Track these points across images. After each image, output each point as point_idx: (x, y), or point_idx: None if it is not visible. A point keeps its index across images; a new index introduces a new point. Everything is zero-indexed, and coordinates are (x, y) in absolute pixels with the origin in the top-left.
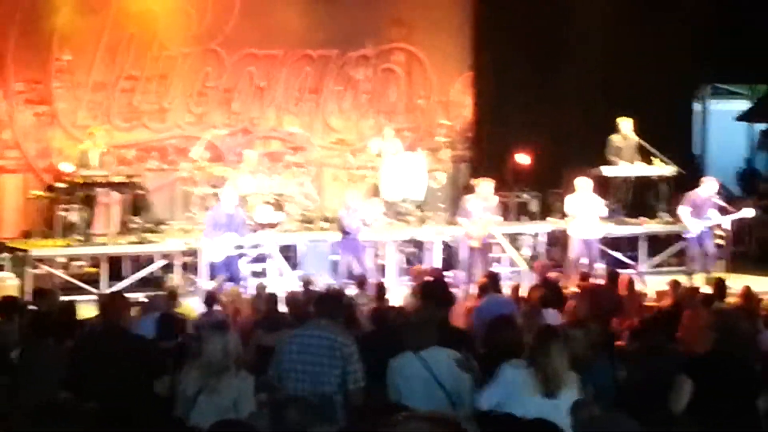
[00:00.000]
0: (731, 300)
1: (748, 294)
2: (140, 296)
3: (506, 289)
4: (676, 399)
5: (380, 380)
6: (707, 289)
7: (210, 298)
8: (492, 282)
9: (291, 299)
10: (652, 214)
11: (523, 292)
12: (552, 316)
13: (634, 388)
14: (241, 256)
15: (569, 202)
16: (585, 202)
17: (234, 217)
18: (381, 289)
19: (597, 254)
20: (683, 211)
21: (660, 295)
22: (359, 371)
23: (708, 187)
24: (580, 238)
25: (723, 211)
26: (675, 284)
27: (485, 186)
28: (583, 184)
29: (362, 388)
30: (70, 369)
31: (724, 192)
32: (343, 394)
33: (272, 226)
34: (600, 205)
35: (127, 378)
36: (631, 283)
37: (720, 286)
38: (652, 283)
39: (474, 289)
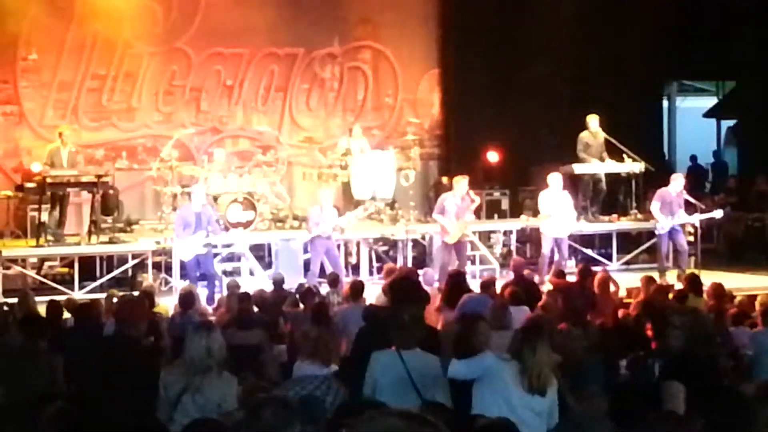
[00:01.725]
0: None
1: (718, 291)
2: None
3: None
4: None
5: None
6: (680, 286)
7: (186, 299)
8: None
9: (259, 298)
10: (623, 212)
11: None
12: (522, 313)
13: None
14: (215, 255)
15: (543, 199)
16: (557, 199)
17: (202, 216)
18: (358, 287)
19: (566, 252)
20: (654, 207)
21: (631, 292)
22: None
23: (677, 184)
24: (552, 236)
25: (692, 207)
26: (648, 280)
27: (462, 184)
28: (555, 180)
29: None
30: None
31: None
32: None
33: (244, 225)
34: (570, 203)
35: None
36: (605, 280)
37: (694, 282)
38: (624, 279)
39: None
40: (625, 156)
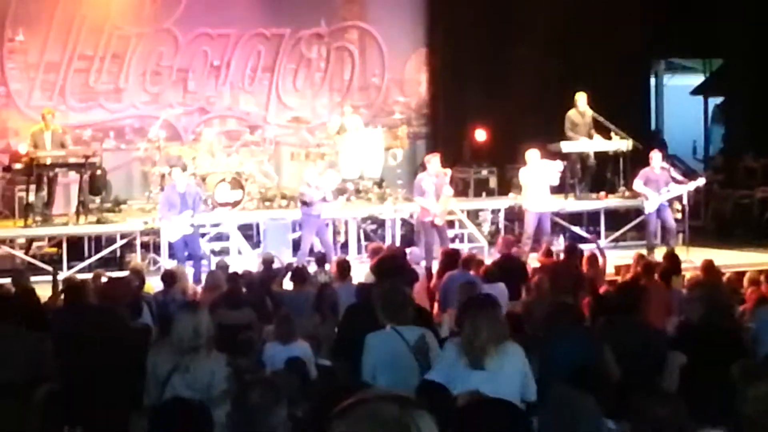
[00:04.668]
0: (693, 274)
1: (710, 267)
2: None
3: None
4: (669, 376)
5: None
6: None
7: (168, 277)
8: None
9: (248, 278)
10: (611, 189)
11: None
12: (497, 290)
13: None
14: (202, 235)
15: (522, 175)
16: (536, 174)
17: (186, 196)
18: (345, 266)
19: (548, 227)
20: (637, 184)
21: (619, 269)
22: None
23: (657, 161)
24: (535, 211)
25: (679, 183)
26: (639, 258)
27: (435, 161)
28: (533, 156)
29: None
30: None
31: (679, 165)
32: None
33: (231, 204)
34: (552, 175)
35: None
36: (593, 259)
37: (673, 259)
38: (612, 257)
39: (435, 266)
40: (612, 134)
